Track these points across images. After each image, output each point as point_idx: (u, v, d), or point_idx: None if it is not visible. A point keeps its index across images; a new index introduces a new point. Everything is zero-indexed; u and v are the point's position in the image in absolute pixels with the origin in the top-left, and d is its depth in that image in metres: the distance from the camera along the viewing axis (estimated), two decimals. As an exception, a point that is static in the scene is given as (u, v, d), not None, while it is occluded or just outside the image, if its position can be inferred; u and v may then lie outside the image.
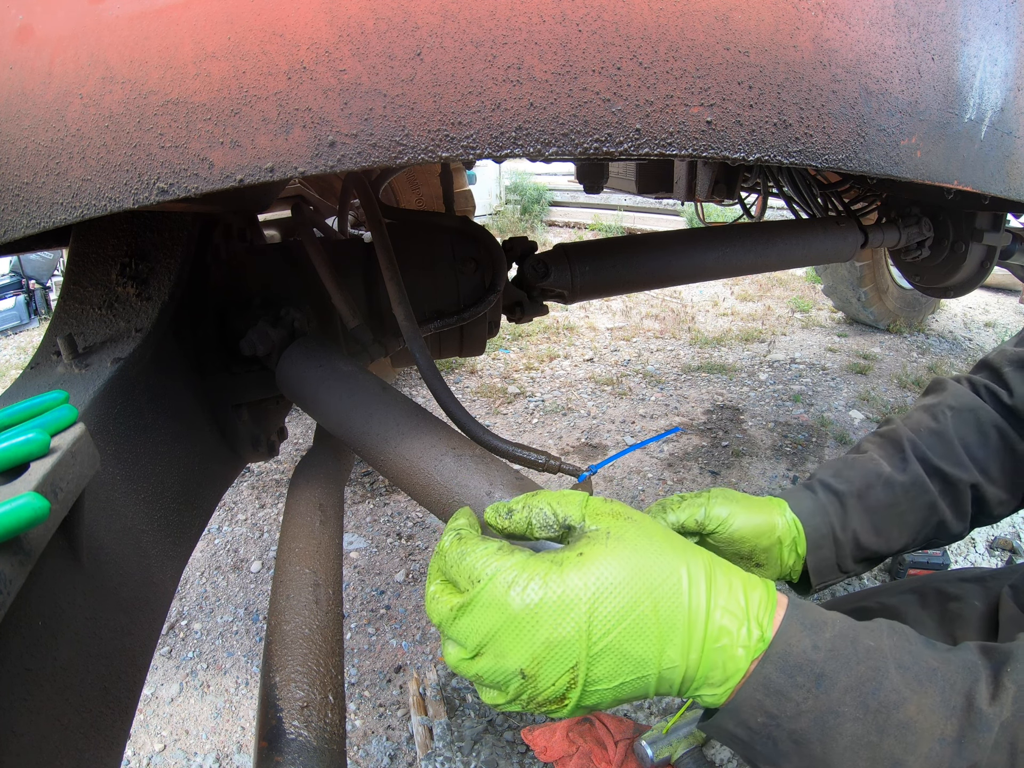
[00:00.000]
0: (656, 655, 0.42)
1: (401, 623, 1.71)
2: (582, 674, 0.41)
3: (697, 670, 0.42)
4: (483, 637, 0.42)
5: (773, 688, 0.41)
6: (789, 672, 0.41)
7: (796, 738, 0.41)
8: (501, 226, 6.71)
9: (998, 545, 1.93)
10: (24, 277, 4.51)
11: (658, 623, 0.41)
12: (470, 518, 0.51)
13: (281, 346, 0.87)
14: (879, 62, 0.57)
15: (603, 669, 0.42)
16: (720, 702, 0.44)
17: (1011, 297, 4.30)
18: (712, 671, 0.43)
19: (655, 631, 0.41)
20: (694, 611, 0.42)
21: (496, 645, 0.42)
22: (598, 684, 0.42)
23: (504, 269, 1.18)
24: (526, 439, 2.58)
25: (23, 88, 0.48)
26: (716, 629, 0.42)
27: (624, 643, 0.41)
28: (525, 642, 0.41)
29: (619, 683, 0.42)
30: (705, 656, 0.42)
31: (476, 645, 0.42)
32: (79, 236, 0.80)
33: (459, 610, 0.43)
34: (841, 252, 1.70)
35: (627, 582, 0.41)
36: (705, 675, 0.43)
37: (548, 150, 0.47)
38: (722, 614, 0.43)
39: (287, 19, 0.44)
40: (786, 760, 0.42)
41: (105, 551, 0.56)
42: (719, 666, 0.42)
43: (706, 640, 0.42)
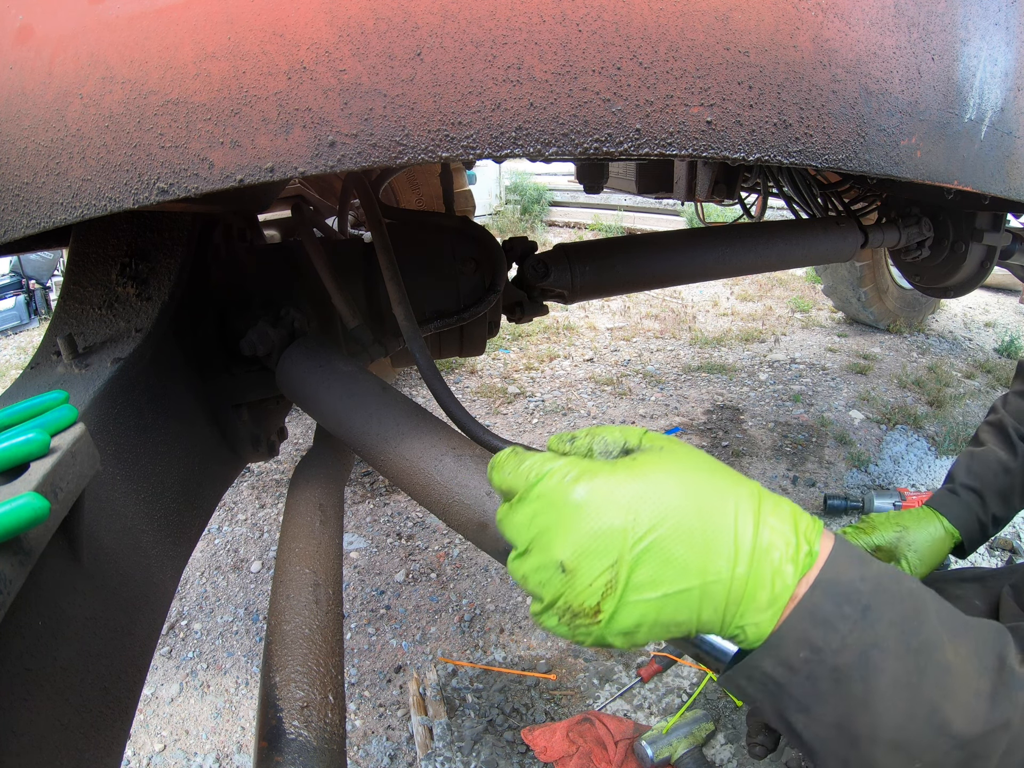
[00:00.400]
0: (700, 562, 0.40)
1: (401, 623, 1.71)
2: (622, 574, 0.40)
3: (744, 587, 0.40)
4: (533, 530, 0.42)
5: (821, 617, 0.40)
6: (837, 601, 0.40)
7: (838, 675, 0.40)
8: (501, 226, 6.71)
9: (998, 545, 1.93)
10: (24, 277, 4.52)
11: (703, 528, 0.40)
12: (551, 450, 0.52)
13: (281, 346, 0.87)
14: (879, 62, 0.57)
15: (644, 573, 0.40)
16: (764, 633, 0.41)
17: (1011, 297, 4.30)
18: (759, 589, 0.40)
19: (700, 535, 0.40)
20: (742, 522, 0.41)
21: (543, 537, 0.42)
22: (638, 592, 0.40)
23: (504, 269, 1.18)
24: (526, 439, 2.58)
25: (23, 88, 0.48)
26: (765, 542, 0.40)
27: (667, 544, 0.40)
28: (569, 531, 0.41)
29: (661, 594, 0.40)
30: (753, 569, 0.40)
31: (527, 540, 0.43)
32: (79, 236, 0.80)
33: (515, 504, 0.44)
34: (841, 252, 1.70)
35: (675, 486, 0.41)
36: (753, 594, 0.40)
37: (548, 150, 0.47)
38: (771, 531, 0.41)
39: (287, 19, 0.44)
40: (820, 704, 0.40)
41: (105, 551, 0.56)
42: (767, 583, 0.40)
43: (754, 551, 0.40)
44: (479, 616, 1.72)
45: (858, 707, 0.40)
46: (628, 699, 1.46)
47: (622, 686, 1.49)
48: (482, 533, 0.62)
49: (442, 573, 1.88)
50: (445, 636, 1.66)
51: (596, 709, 1.43)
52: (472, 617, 1.71)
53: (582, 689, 1.49)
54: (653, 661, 1.51)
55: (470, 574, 1.87)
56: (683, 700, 1.45)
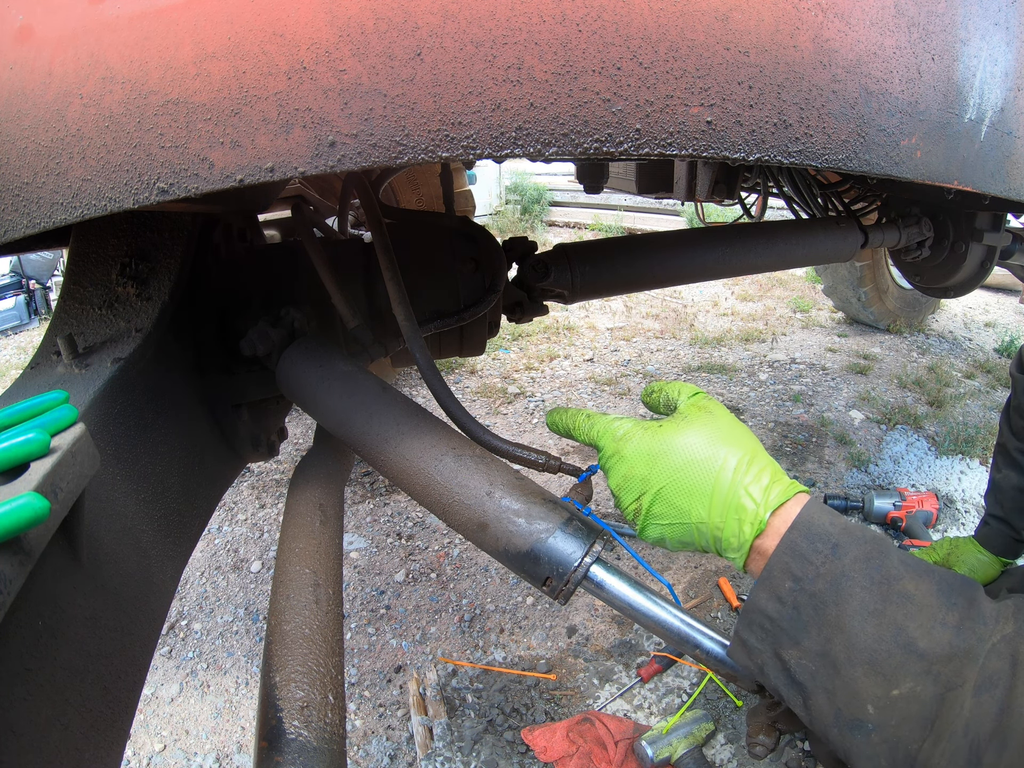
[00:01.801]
0: (691, 509, 0.56)
1: (401, 623, 1.71)
2: (645, 506, 0.59)
3: (721, 532, 0.55)
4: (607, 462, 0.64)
5: (798, 552, 0.51)
6: (811, 539, 0.51)
7: (815, 601, 0.49)
8: (501, 226, 6.71)
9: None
10: (24, 277, 4.52)
11: (697, 486, 0.56)
12: None
13: (281, 346, 0.87)
14: (879, 62, 0.57)
15: (657, 509, 0.58)
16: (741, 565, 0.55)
17: (1011, 297, 4.30)
18: (731, 536, 0.54)
19: (694, 490, 0.56)
20: (723, 484, 0.55)
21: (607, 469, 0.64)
22: (655, 520, 0.59)
23: (504, 269, 1.18)
24: (526, 439, 2.58)
25: (23, 88, 0.48)
26: (735, 503, 0.54)
27: (671, 493, 0.57)
28: (614, 473, 0.62)
29: (668, 523, 0.58)
30: (725, 522, 0.55)
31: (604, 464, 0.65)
32: (79, 236, 0.80)
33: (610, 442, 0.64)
34: (841, 252, 1.70)
35: (685, 450, 0.58)
36: (727, 538, 0.55)
37: (548, 150, 0.47)
38: (744, 494, 0.54)
39: (287, 19, 0.44)
40: (806, 634, 0.49)
41: (105, 551, 0.56)
42: (735, 533, 0.54)
43: (726, 508, 0.55)
44: (479, 616, 1.72)
45: (835, 630, 0.48)
46: (628, 699, 1.46)
47: (622, 686, 1.49)
48: (482, 533, 0.62)
49: (442, 573, 1.88)
50: (445, 636, 1.66)
51: (596, 709, 1.43)
52: (472, 617, 1.71)
53: (582, 689, 1.49)
54: (653, 661, 1.51)
55: (470, 574, 1.87)
56: (683, 700, 1.45)
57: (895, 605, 0.47)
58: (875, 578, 0.48)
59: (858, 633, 0.47)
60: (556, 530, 0.59)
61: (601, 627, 1.67)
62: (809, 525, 0.52)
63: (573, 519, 0.61)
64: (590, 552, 0.59)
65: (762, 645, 0.52)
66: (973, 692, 0.43)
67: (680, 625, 0.59)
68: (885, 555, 0.50)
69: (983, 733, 0.42)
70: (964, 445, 2.42)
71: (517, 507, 0.61)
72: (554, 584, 0.59)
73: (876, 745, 0.46)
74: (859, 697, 0.46)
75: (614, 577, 0.60)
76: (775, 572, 0.51)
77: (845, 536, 0.51)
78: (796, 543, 0.51)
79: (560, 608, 1.73)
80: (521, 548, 0.60)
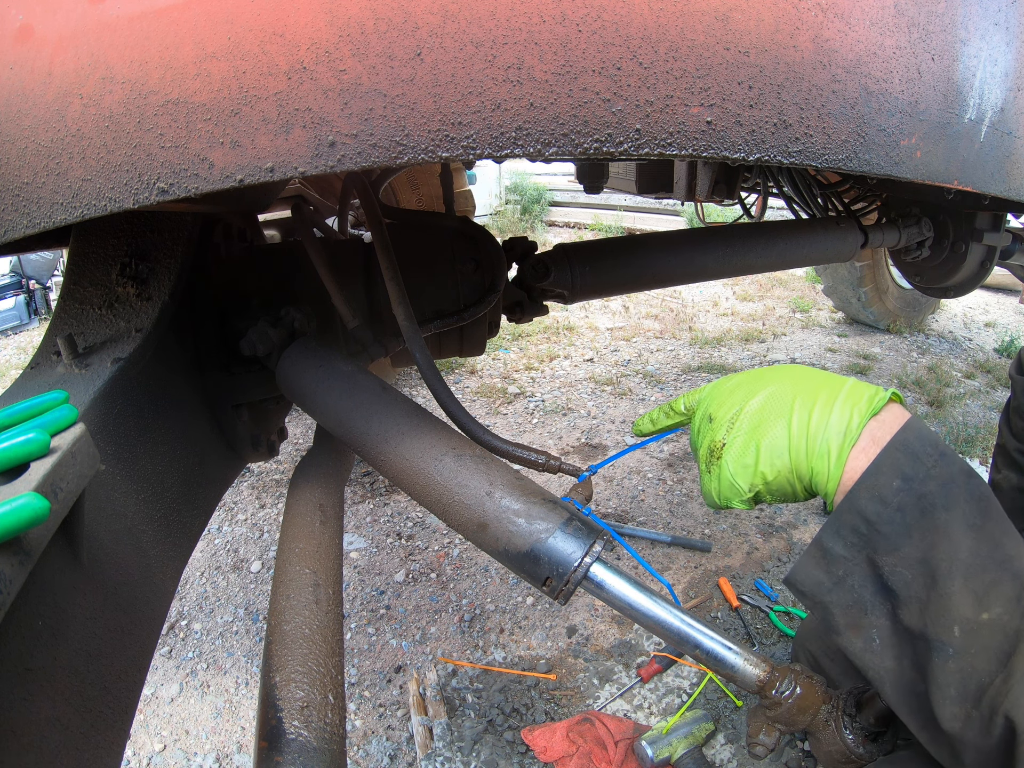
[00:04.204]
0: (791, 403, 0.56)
1: (401, 623, 1.71)
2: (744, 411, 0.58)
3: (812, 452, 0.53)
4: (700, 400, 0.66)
5: (910, 450, 0.50)
6: (922, 441, 0.51)
7: (923, 504, 0.48)
8: (501, 226, 6.71)
9: None
10: (24, 277, 4.51)
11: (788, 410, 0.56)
12: None
13: (281, 346, 0.87)
14: (879, 62, 0.57)
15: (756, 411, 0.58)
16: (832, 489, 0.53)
17: (1011, 297, 4.30)
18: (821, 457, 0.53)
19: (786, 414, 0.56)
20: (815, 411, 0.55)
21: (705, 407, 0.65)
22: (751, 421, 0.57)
23: (504, 269, 1.18)
24: (526, 439, 2.58)
25: (23, 88, 0.48)
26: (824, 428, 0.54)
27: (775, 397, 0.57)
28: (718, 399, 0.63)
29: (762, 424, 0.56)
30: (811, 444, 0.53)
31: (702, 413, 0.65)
32: (79, 236, 0.80)
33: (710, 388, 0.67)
34: (841, 252, 1.70)
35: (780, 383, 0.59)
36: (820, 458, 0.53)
37: (548, 150, 0.47)
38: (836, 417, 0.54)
39: (287, 19, 0.44)
40: (907, 538, 0.48)
41: (105, 551, 0.56)
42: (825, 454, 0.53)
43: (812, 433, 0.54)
44: (479, 616, 1.72)
45: (940, 537, 0.47)
46: (628, 699, 1.46)
47: (622, 686, 1.49)
48: (482, 533, 0.62)
49: (442, 573, 1.88)
50: (445, 636, 1.66)
51: (596, 709, 1.43)
52: (472, 617, 1.71)
53: (582, 689, 1.49)
54: (653, 661, 1.51)
55: (470, 574, 1.87)
56: (683, 700, 1.45)
57: (993, 522, 0.47)
58: (975, 494, 0.48)
59: (961, 542, 0.46)
60: (556, 530, 0.59)
61: (601, 627, 1.66)
62: (919, 430, 0.51)
63: (573, 519, 0.61)
64: (590, 552, 0.59)
65: (850, 552, 0.51)
66: None
67: (680, 625, 0.59)
68: (978, 479, 0.50)
69: None
70: (964, 445, 2.42)
71: (517, 507, 0.61)
72: (554, 584, 0.59)
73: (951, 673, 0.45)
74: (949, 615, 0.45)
75: (614, 577, 0.60)
76: (883, 469, 0.50)
77: (948, 449, 0.51)
78: (909, 442, 0.50)
79: (560, 608, 1.73)
80: (521, 548, 0.60)
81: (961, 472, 0.49)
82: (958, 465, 0.50)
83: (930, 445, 0.50)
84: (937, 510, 0.47)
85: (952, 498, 0.48)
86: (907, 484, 0.49)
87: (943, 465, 0.49)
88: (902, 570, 0.48)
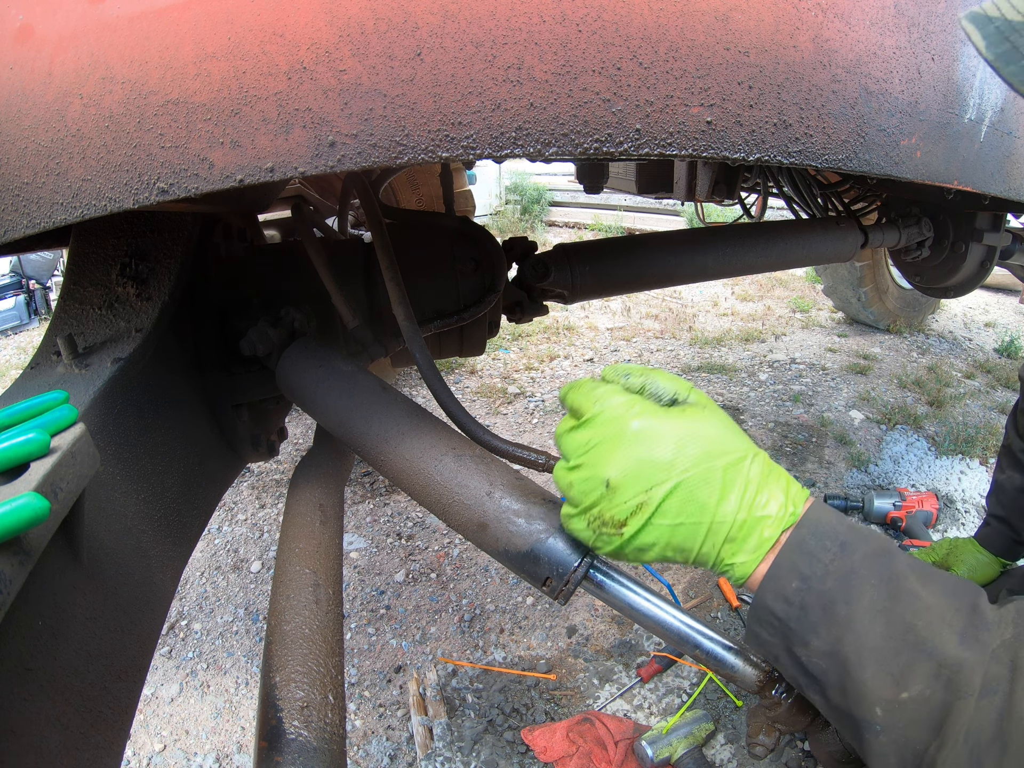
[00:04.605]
0: (715, 504, 0.49)
1: (401, 623, 1.71)
2: (655, 499, 0.49)
3: (740, 531, 0.50)
4: (588, 448, 0.51)
5: (806, 549, 0.49)
6: (819, 537, 0.49)
7: (824, 600, 0.47)
8: (501, 226, 6.71)
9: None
10: (24, 277, 4.51)
11: (724, 480, 0.50)
12: None
13: (281, 346, 0.87)
14: (879, 62, 0.57)
15: (672, 503, 0.49)
16: (750, 569, 0.50)
17: (1011, 297, 4.30)
18: (751, 535, 0.50)
19: (720, 484, 0.49)
20: (751, 481, 0.50)
21: (596, 455, 0.51)
22: (662, 516, 0.49)
23: (504, 269, 1.18)
24: (526, 439, 2.58)
25: (23, 88, 0.48)
26: (764, 501, 0.50)
27: (696, 485, 0.49)
28: (623, 455, 0.50)
29: (679, 522, 0.50)
30: (750, 520, 0.50)
31: (580, 456, 0.52)
32: (79, 236, 0.80)
33: (580, 424, 0.53)
34: (841, 252, 1.70)
35: (711, 439, 0.51)
36: (745, 537, 0.50)
37: (548, 150, 0.47)
38: (769, 493, 0.50)
39: (287, 19, 0.44)
40: (815, 633, 0.48)
41: (105, 551, 0.55)
42: (758, 531, 0.50)
43: (754, 506, 0.50)
44: (479, 616, 1.72)
45: (844, 630, 0.46)
46: (628, 699, 1.46)
47: (622, 686, 1.49)
48: (482, 533, 0.62)
49: (442, 573, 1.88)
50: (445, 636, 1.66)
51: (596, 709, 1.43)
52: (472, 617, 1.71)
53: (582, 689, 1.49)
54: (653, 661, 1.51)
55: (470, 574, 1.87)
56: (683, 700, 1.45)
57: (904, 603, 0.46)
58: (884, 576, 0.47)
59: (868, 632, 0.46)
60: (556, 530, 0.59)
61: (601, 627, 1.66)
62: (817, 523, 0.50)
63: (573, 519, 0.61)
64: (590, 552, 0.59)
65: (774, 639, 0.52)
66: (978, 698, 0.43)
67: (680, 625, 0.59)
68: (893, 554, 0.49)
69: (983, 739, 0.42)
70: (964, 445, 2.42)
71: (517, 507, 0.61)
72: (554, 584, 0.59)
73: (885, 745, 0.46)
74: (867, 699, 0.46)
75: (614, 577, 0.60)
76: (782, 571, 0.49)
77: (852, 534, 0.50)
78: (804, 541, 0.49)
79: (560, 608, 1.73)
80: (521, 548, 0.60)
81: (865, 558, 0.48)
82: (862, 551, 0.49)
83: (828, 539, 0.49)
84: (838, 605, 0.47)
85: (853, 590, 0.47)
86: (805, 583, 0.48)
87: (843, 558, 0.48)
88: (817, 660, 0.48)
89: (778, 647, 0.51)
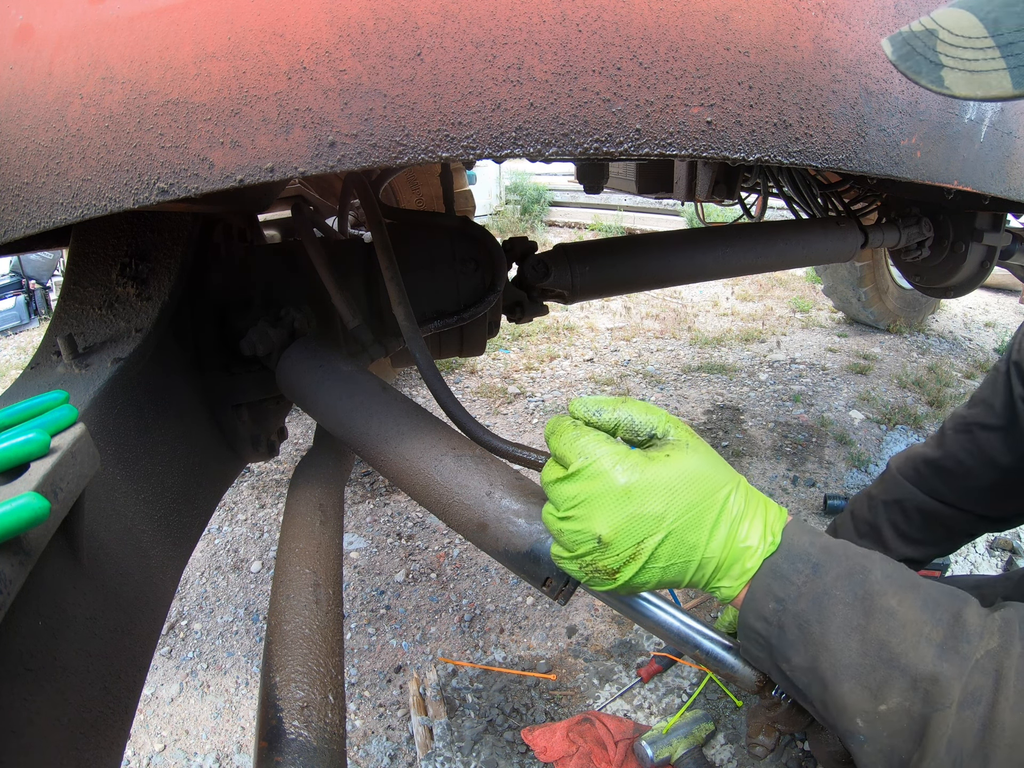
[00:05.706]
0: (704, 544, 0.51)
1: (401, 623, 1.71)
2: (647, 550, 0.50)
3: (725, 563, 0.52)
4: (577, 501, 0.51)
5: (779, 573, 0.51)
6: (791, 560, 0.51)
7: (799, 621, 0.49)
8: (501, 226, 6.71)
9: (998, 545, 1.93)
10: (24, 277, 4.51)
11: (712, 521, 0.51)
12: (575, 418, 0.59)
13: (281, 346, 0.87)
14: (879, 62, 0.57)
15: (665, 550, 0.51)
16: (734, 594, 0.53)
17: (1011, 297, 4.30)
18: (735, 565, 0.52)
19: (708, 526, 0.51)
20: (735, 516, 0.52)
21: (586, 510, 0.51)
22: (655, 562, 0.51)
23: (504, 269, 1.18)
24: (526, 439, 2.58)
25: (23, 88, 0.48)
26: (744, 534, 0.52)
27: (686, 530, 0.51)
28: (613, 512, 0.50)
29: (669, 564, 0.51)
30: (733, 551, 0.52)
31: (570, 507, 0.51)
32: (79, 236, 0.80)
33: (566, 477, 0.52)
34: (841, 252, 1.70)
35: (698, 481, 0.52)
36: (730, 568, 0.52)
37: (548, 150, 0.47)
38: (750, 525, 0.53)
39: (287, 19, 0.44)
40: (794, 650, 0.50)
41: (105, 551, 0.55)
42: (740, 562, 0.52)
43: (736, 539, 0.52)
44: (479, 616, 1.72)
45: (819, 648, 0.48)
46: (628, 699, 1.46)
47: (622, 686, 1.49)
48: (482, 533, 0.62)
49: (442, 573, 1.88)
50: (445, 636, 1.66)
51: (596, 709, 1.43)
52: (472, 617, 1.71)
53: (582, 689, 1.49)
54: (653, 661, 1.51)
55: (470, 574, 1.87)
56: (683, 700, 1.45)
57: (878, 621, 0.47)
58: (857, 594, 0.49)
59: (842, 649, 0.48)
60: (556, 530, 0.59)
61: (601, 627, 1.66)
62: (789, 547, 0.52)
63: (573, 519, 0.61)
64: (590, 552, 0.59)
65: (762, 654, 0.54)
66: (956, 708, 0.44)
67: (680, 625, 0.59)
68: (867, 571, 0.50)
69: (966, 749, 0.43)
70: (964, 445, 2.42)
71: (517, 507, 0.61)
72: (554, 584, 0.59)
73: (870, 755, 0.47)
74: (848, 711, 0.47)
75: (614, 577, 0.60)
76: (758, 594, 0.52)
77: (825, 555, 0.52)
78: (778, 565, 0.52)
79: (560, 608, 1.73)
80: (521, 548, 0.60)
81: (838, 578, 0.50)
82: (834, 572, 0.50)
83: (800, 562, 0.51)
84: (811, 624, 0.49)
85: (825, 610, 0.49)
86: (781, 605, 0.51)
87: (815, 579, 0.50)
88: (799, 675, 0.50)
89: (766, 662, 0.54)
